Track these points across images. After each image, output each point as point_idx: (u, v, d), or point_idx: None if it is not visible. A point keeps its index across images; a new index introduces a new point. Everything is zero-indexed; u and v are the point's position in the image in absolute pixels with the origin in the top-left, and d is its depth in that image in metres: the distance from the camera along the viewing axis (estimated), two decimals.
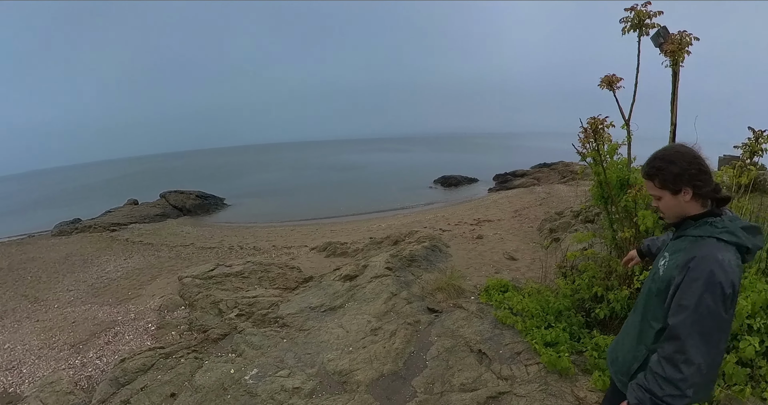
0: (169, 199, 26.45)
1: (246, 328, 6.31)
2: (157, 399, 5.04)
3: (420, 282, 7.12)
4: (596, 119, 4.48)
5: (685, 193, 1.70)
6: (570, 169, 23.63)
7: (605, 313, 4.61)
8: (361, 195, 26.30)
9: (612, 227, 5.03)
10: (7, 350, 7.56)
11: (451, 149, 77.56)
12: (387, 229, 13.99)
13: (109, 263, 13.16)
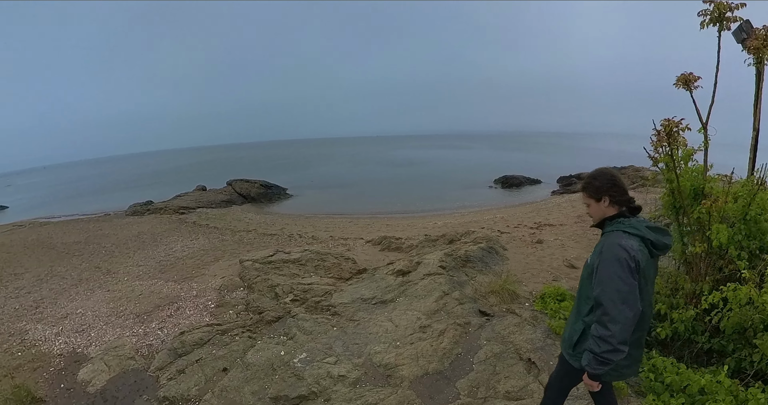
0: (235, 186, 27.78)
1: (299, 313, 6.50)
2: (210, 372, 5.34)
3: (473, 283, 6.99)
4: (671, 121, 4.13)
5: (604, 201, 2.41)
6: (640, 175, 22.19)
7: (667, 334, 4.24)
8: (418, 191, 26.10)
9: (682, 240, 4.64)
10: (79, 315, 8.34)
11: (513, 148, 74.46)
12: (443, 228, 13.85)
13: (176, 243, 14.08)
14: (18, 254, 16.03)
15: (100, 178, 68.47)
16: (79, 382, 5.70)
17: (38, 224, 25.31)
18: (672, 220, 4.93)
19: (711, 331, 4.16)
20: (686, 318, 4.11)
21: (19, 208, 41.58)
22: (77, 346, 6.91)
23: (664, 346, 4.50)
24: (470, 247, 8.54)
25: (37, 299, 9.99)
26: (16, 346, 7.33)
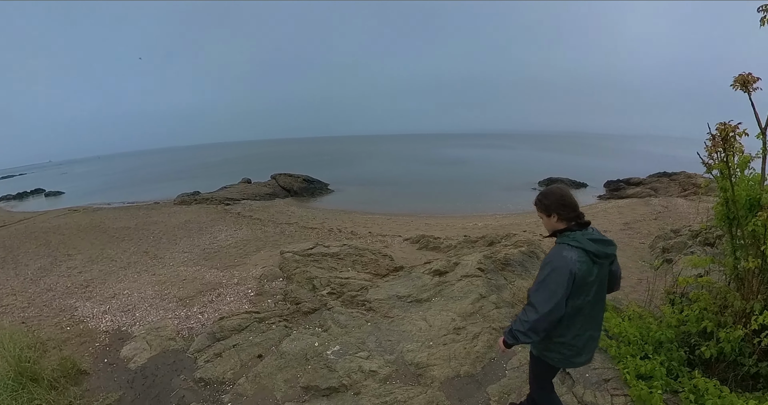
0: (279, 180, 28.48)
1: (335, 307, 6.56)
2: (246, 357, 5.48)
3: (512, 288, 6.81)
4: (726, 125, 3.84)
5: (554, 217, 2.72)
6: (693, 182, 20.86)
7: (712, 353, 3.91)
8: (459, 191, 25.85)
9: (735, 254, 4.23)
10: (126, 296, 8.77)
11: (558, 149, 71.69)
12: (483, 229, 13.63)
13: (221, 232, 14.57)
14: (72, 237, 17.09)
15: (151, 169, 71.91)
16: (122, 359, 5.98)
17: (92, 210, 26.88)
18: (724, 232, 4.56)
19: (760, 354, 3.83)
20: (734, 338, 3.79)
21: (74, 194, 44.24)
22: (122, 325, 7.27)
23: (708, 367, 4.19)
24: (510, 251, 8.34)
25: (87, 279, 10.60)
26: (65, 321, 7.81)
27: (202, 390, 4.95)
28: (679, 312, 4.59)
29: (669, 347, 4.33)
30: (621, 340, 4.61)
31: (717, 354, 3.95)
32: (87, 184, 56.53)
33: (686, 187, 20.86)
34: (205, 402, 4.68)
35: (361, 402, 4.31)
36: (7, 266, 13.18)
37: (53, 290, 10.00)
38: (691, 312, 4.35)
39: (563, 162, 43.84)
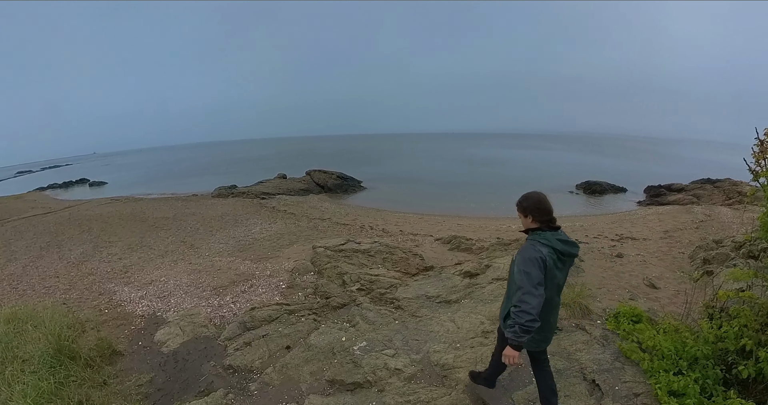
0: (314, 176, 28.82)
1: (364, 303, 6.59)
2: (275, 348, 5.57)
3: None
4: None
5: (530, 217, 3.18)
6: (738, 190, 19.70)
7: (750, 373, 3.70)
8: (494, 192, 24.90)
9: None
10: (162, 282, 9.09)
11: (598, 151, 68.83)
12: (517, 231, 13.36)
13: (255, 225, 14.88)
14: (113, 225, 17.82)
15: (190, 162, 74.14)
16: (155, 342, 6.21)
17: (133, 199, 27.97)
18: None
19: None
20: None
21: (116, 184, 46.16)
22: (157, 310, 7.55)
23: (745, 388, 3.93)
24: None
25: (126, 265, 11.05)
26: (104, 304, 8.17)
27: (230, 377, 5.06)
28: (718, 328, 4.34)
29: (705, 364, 4.10)
30: (654, 354, 4.41)
31: (755, 374, 3.72)
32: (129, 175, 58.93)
33: (731, 195, 19.79)
34: (233, 389, 4.78)
35: (384, 399, 4.30)
36: (51, 250, 13.89)
37: (94, 274, 10.47)
38: (731, 328, 4.11)
39: (602, 165, 42.06)
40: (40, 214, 24.62)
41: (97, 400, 4.71)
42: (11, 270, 11.86)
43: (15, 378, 4.83)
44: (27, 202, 33.84)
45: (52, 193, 42.62)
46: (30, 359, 5.22)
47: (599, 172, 30.11)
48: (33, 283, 10.33)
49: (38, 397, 4.43)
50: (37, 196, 39.64)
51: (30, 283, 10.35)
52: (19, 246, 15.36)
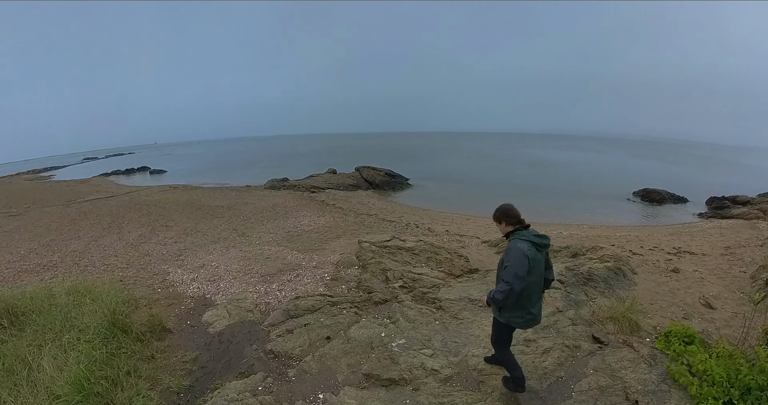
0: (362, 172, 29.11)
1: (405, 301, 6.55)
2: (315, 337, 5.64)
3: (592, 305, 6.32)
4: None
5: (502, 223, 3.85)
6: None
7: None
8: (545, 195, 24.11)
9: None
10: (213, 267, 9.43)
11: (658, 157, 64.45)
12: (568, 239, 12.83)
13: (304, 218, 15.19)
14: (171, 210, 18.72)
15: (245, 155, 76.69)
16: (203, 323, 6.44)
17: (190, 188, 29.28)
18: None
19: None
20: None
21: (175, 173, 48.51)
22: (207, 293, 7.84)
23: None
24: (595, 265, 7.76)
25: (181, 248, 11.55)
26: (157, 284, 8.58)
27: (270, 361, 5.17)
28: None
29: (759, 395, 3.79)
30: (704, 379, 4.12)
31: None
32: (187, 164, 61.77)
33: None
34: (272, 373, 4.88)
35: (418, 399, 4.25)
36: (112, 231, 14.74)
37: (150, 256, 11.01)
38: None
39: (662, 172, 39.18)
40: (103, 198, 26.25)
41: (144, 372, 4.97)
42: (75, 247, 12.68)
43: (71, 345, 5.17)
44: (92, 186, 36.20)
45: (115, 179, 45.49)
46: (86, 329, 5.57)
47: (658, 180, 28.44)
48: (94, 260, 11.01)
49: (90, 364, 4.70)
50: (101, 181, 42.39)
51: (91, 260, 11.03)
52: (83, 226, 16.44)
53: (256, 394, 4.39)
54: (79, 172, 60.13)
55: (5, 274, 10.52)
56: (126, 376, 4.79)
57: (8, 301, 6.56)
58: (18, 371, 4.77)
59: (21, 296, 7.03)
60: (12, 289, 8.51)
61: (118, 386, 4.62)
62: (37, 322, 6.04)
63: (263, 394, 4.40)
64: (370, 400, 4.28)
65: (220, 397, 4.29)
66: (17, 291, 7.73)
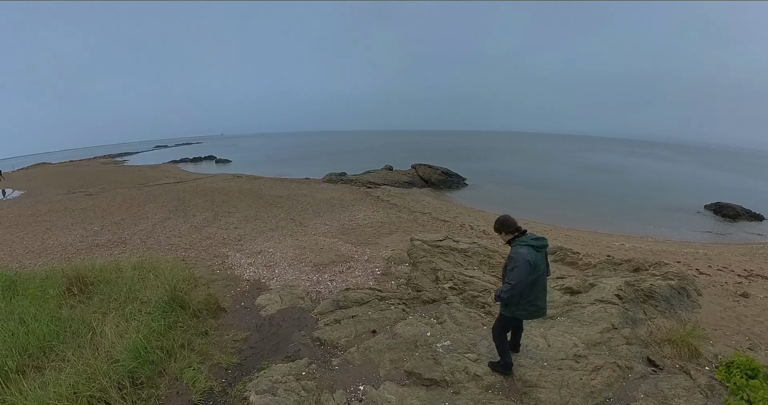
0: (419, 170, 28.99)
1: (454, 302, 6.43)
2: (361, 329, 5.68)
3: (650, 325, 5.89)
4: None
5: (502, 233, 4.29)
6: None
7: None
8: (609, 203, 22.92)
9: None
10: (270, 253, 9.76)
11: (736, 169, 55.32)
12: (630, 251, 12.09)
13: (359, 212, 15.40)
14: (233, 198, 19.55)
15: (306, 148, 78.71)
16: (256, 305, 6.68)
17: (253, 177, 30.42)
18: None
19: None
20: None
21: (239, 163, 50.57)
22: (262, 277, 8.12)
23: None
24: (657, 282, 7.22)
25: (240, 234, 12.04)
26: (217, 265, 9.00)
27: (316, 348, 5.27)
28: None
29: None
30: None
31: None
32: (251, 155, 64.21)
33: None
34: (316, 360, 4.97)
35: (458, 402, 4.16)
36: (178, 214, 15.62)
37: (211, 239, 11.56)
38: None
39: (739, 185, 35.15)
40: (171, 183, 27.85)
41: (197, 346, 5.24)
42: (143, 227, 13.53)
43: (132, 315, 5.57)
44: (162, 172, 38.57)
45: (183, 166, 48.30)
46: (147, 302, 5.98)
47: (734, 194, 26.01)
48: (159, 240, 11.70)
49: (149, 334, 5.04)
50: (171, 168, 45.17)
51: (157, 240, 11.73)
52: (151, 208, 17.56)
53: (300, 379, 4.48)
54: (150, 159, 64.32)
55: (79, 247, 11.40)
56: (180, 348, 5.08)
57: (80, 272, 7.17)
58: (83, 334, 5.21)
59: (92, 268, 7.68)
60: (84, 260, 9.23)
61: (171, 357, 4.92)
62: (104, 292, 6.59)
63: (306, 379, 4.49)
64: (410, 398, 4.24)
65: (265, 377, 4.42)
66: (89, 263, 8.42)
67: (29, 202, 21.93)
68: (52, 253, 11.04)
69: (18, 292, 6.68)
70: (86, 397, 4.05)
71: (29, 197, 24.61)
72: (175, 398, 4.33)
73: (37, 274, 7.65)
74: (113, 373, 4.38)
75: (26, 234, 13.74)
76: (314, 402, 4.14)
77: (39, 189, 28.95)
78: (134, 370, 4.52)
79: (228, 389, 4.45)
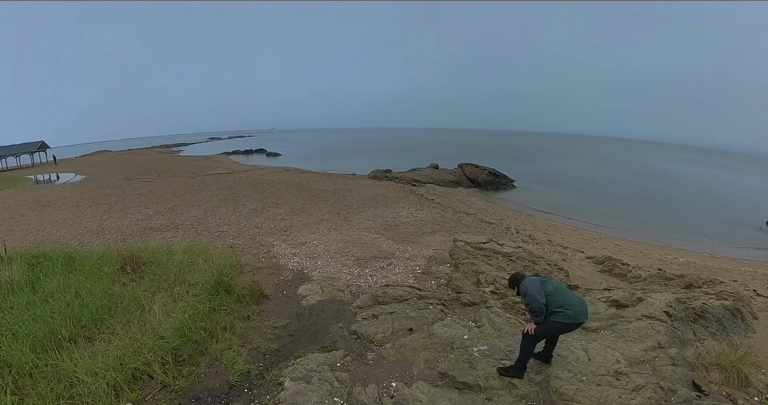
0: (465, 170, 28.61)
1: (494, 307, 6.28)
2: (398, 326, 5.69)
3: (699, 346, 5.51)
4: None
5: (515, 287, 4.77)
6: None
7: None
8: (665, 214, 21.48)
9: None
10: (314, 245, 9.96)
11: None
12: (683, 266, 11.38)
13: (403, 209, 15.41)
14: (282, 190, 20.08)
15: (354, 144, 79.48)
16: (297, 295, 6.84)
17: (300, 171, 31.11)
18: None
19: None
20: None
21: (289, 156, 51.79)
22: (305, 268, 8.31)
23: None
24: (710, 301, 6.75)
25: (287, 225, 12.36)
26: (262, 254, 9.29)
27: (352, 341, 5.33)
28: None
29: None
30: None
31: None
32: (300, 149, 65.63)
33: None
34: (352, 352, 5.03)
35: None
36: (228, 203, 16.20)
37: (259, 228, 11.93)
38: None
39: None
40: (223, 174, 28.89)
41: (238, 329, 5.44)
42: (194, 214, 14.11)
43: (180, 296, 5.90)
44: (214, 163, 40.11)
45: (235, 158, 50.10)
46: (195, 284, 6.30)
47: None
48: (209, 227, 12.16)
49: (194, 315, 5.30)
50: (223, 159, 46.98)
51: (207, 227, 12.19)
52: (203, 196, 18.31)
53: (334, 370, 4.55)
54: (204, 150, 67.13)
55: (134, 229, 12.03)
56: (222, 330, 5.31)
57: (134, 252, 7.66)
58: (132, 311, 5.58)
59: (145, 249, 8.19)
60: (138, 242, 9.75)
61: (213, 338, 5.14)
62: (155, 272, 7.00)
63: (341, 371, 4.55)
64: (441, 400, 4.21)
65: (301, 365, 4.51)
66: (142, 244, 8.94)
67: (90, 186, 23.48)
68: (109, 233, 11.78)
69: (76, 267, 7.25)
70: (131, 368, 4.35)
71: (90, 181, 26.35)
72: (213, 377, 4.53)
73: (95, 253, 8.27)
74: (158, 349, 4.68)
75: (86, 215, 14.78)
76: (346, 393, 4.18)
77: (99, 174, 30.95)
78: (178, 347, 4.79)
79: (264, 373, 4.59)
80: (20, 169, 42.03)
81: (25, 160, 47.27)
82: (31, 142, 48.78)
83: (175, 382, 4.32)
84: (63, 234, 11.88)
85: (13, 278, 6.39)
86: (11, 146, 47.57)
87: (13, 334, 4.69)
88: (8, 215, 15.53)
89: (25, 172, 37.17)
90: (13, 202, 18.95)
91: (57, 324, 4.99)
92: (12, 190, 23.76)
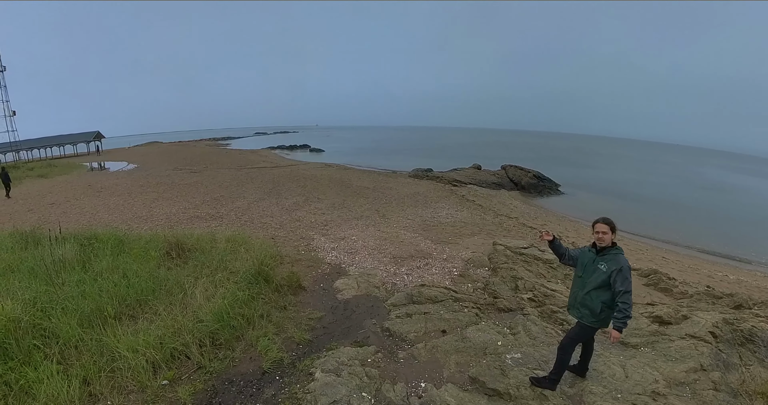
0: (508, 172, 28.11)
1: (531, 315, 6.14)
2: (432, 327, 5.66)
3: (744, 372, 5.15)
4: None
5: (615, 234, 4.10)
6: None
7: None
8: (717, 226, 20.18)
9: None
10: (352, 241, 10.10)
11: None
12: (734, 284, 10.70)
13: (443, 210, 15.31)
14: (323, 185, 20.42)
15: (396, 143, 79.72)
16: (334, 289, 6.95)
17: (342, 167, 31.50)
18: None
19: None
20: None
21: (332, 153, 52.56)
22: (342, 263, 8.43)
23: None
24: (761, 324, 6.29)
25: (327, 220, 12.55)
26: (302, 246, 9.49)
27: (384, 338, 5.34)
28: None
29: None
30: None
31: None
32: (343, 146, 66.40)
33: None
34: (383, 349, 5.04)
35: None
36: (272, 196, 16.63)
37: (300, 221, 12.18)
38: None
39: None
40: (268, 167, 29.64)
41: (274, 318, 5.60)
42: (239, 205, 14.56)
43: (221, 283, 6.15)
44: (260, 156, 41.27)
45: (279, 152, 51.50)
46: (236, 272, 6.54)
47: None
48: (252, 218, 12.51)
49: (233, 301, 5.50)
50: (268, 153, 48.35)
51: (250, 217, 12.55)
52: (248, 188, 18.89)
53: (365, 365, 4.58)
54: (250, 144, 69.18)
55: (181, 217, 12.54)
56: (259, 318, 5.48)
57: (180, 239, 8.05)
58: (175, 294, 5.86)
59: (190, 236, 8.59)
60: (184, 229, 10.18)
61: (250, 325, 5.32)
62: (198, 258, 7.30)
63: (371, 367, 4.58)
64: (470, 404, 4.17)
65: (332, 357, 4.58)
66: (188, 232, 9.36)
67: (141, 175, 24.74)
68: (157, 220, 12.37)
69: (124, 250, 7.66)
70: (170, 348, 4.59)
71: (141, 171, 27.75)
72: (247, 362, 4.68)
73: (142, 237, 8.71)
74: (197, 331, 4.89)
75: (136, 202, 15.62)
76: (375, 390, 4.20)
77: (150, 164, 32.54)
78: (215, 331, 4.99)
79: (296, 363, 4.67)
80: (77, 157, 45.00)
81: (82, 148, 51.66)
82: (88, 132, 52.76)
83: (211, 365, 4.49)
84: (113, 218, 12.54)
85: (66, 257, 6.80)
86: (69, 135, 51.65)
87: (63, 309, 4.99)
88: (64, 199, 16.67)
89: (82, 160, 39.64)
90: (69, 187, 20.43)
91: (104, 302, 5.28)
92: (68, 176, 25.53)
